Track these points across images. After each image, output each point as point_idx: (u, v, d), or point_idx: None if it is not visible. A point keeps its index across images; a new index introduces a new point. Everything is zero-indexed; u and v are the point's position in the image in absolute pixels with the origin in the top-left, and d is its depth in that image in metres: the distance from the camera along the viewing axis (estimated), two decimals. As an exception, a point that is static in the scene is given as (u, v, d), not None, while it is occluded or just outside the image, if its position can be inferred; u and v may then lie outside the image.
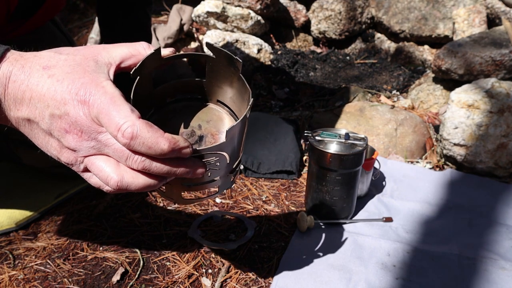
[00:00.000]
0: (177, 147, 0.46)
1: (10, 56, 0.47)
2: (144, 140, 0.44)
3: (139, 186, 0.47)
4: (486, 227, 1.02)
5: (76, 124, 0.46)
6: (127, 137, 0.44)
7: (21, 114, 0.48)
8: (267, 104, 1.68)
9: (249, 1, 2.03)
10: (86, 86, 0.45)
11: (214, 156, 0.51)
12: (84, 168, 0.49)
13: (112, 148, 0.46)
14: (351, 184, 0.97)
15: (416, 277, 0.86)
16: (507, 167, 1.22)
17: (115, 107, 0.44)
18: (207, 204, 1.07)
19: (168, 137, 0.45)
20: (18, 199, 0.99)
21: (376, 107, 1.42)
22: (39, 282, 0.83)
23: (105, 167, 0.47)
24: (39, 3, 0.94)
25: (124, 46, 0.53)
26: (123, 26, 1.20)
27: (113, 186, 0.47)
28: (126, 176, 0.47)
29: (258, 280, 0.84)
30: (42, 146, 0.50)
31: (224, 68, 0.59)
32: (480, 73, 1.50)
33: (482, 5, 1.88)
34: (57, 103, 0.46)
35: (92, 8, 2.54)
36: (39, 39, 0.99)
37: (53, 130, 0.47)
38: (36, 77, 0.46)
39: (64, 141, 0.47)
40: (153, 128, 0.45)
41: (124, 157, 0.46)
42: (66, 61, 0.48)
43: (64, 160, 0.49)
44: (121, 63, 0.52)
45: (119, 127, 0.44)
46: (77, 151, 0.47)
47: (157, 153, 0.45)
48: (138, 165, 0.46)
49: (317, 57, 2.14)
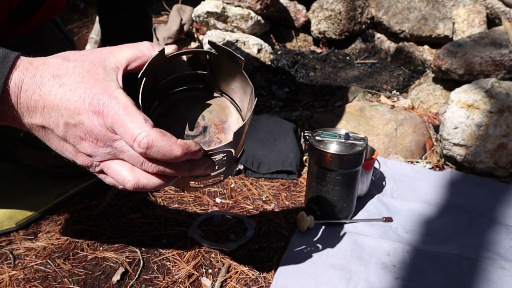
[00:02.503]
0: (189, 151, 0.48)
1: (20, 64, 0.48)
2: (159, 148, 0.46)
3: (154, 186, 0.50)
4: (486, 227, 1.02)
5: (92, 133, 0.47)
6: (143, 147, 0.46)
7: (35, 121, 0.49)
8: (267, 104, 1.68)
9: (249, 1, 2.03)
10: (99, 96, 0.47)
11: (222, 153, 0.54)
12: (99, 170, 0.51)
13: (127, 154, 0.49)
14: (351, 184, 0.97)
15: (416, 277, 0.86)
16: (507, 167, 1.22)
17: (129, 118, 0.46)
18: (207, 204, 1.07)
19: (181, 143, 0.47)
20: (18, 199, 0.99)
21: (376, 107, 1.42)
22: (39, 282, 0.83)
23: (121, 171, 0.49)
24: (40, 3, 0.94)
25: (128, 47, 0.54)
26: (123, 26, 1.20)
27: (130, 188, 0.49)
28: (142, 179, 0.49)
29: (258, 280, 0.84)
30: (57, 149, 0.52)
31: (226, 64, 0.60)
32: (480, 73, 1.50)
33: (482, 5, 1.88)
34: (71, 112, 0.47)
35: (92, 8, 2.54)
36: (39, 39, 0.99)
37: (68, 137, 0.49)
38: (47, 86, 0.47)
39: (80, 148, 0.49)
40: (166, 137, 0.47)
41: (139, 162, 0.48)
42: (75, 68, 0.49)
43: (80, 163, 0.51)
44: (128, 66, 0.53)
45: (134, 138, 0.46)
46: (93, 156, 0.49)
47: (171, 159, 0.47)
48: (153, 169, 0.49)
49: (317, 57, 2.14)
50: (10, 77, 0.47)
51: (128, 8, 1.18)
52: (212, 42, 0.57)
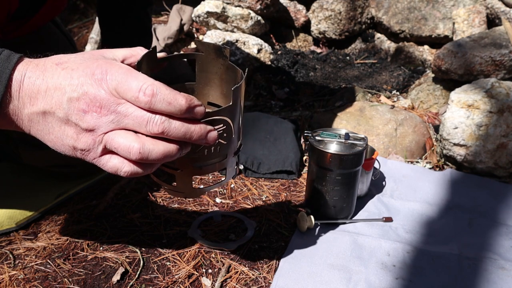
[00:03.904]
0: (192, 104, 0.49)
1: (24, 59, 0.51)
2: (164, 96, 0.47)
3: (159, 152, 0.49)
4: (486, 227, 1.02)
5: (95, 100, 0.48)
6: (148, 94, 0.47)
7: (36, 109, 0.50)
8: (267, 104, 1.68)
9: (249, 1, 2.03)
10: (101, 66, 0.49)
11: (222, 123, 0.54)
12: (102, 150, 0.50)
13: (131, 116, 0.48)
14: (351, 184, 0.97)
15: (416, 277, 0.86)
16: (507, 167, 1.22)
17: (132, 76, 0.48)
18: (207, 204, 1.07)
19: (184, 94, 0.49)
20: (18, 199, 0.99)
21: (376, 107, 1.42)
22: (39, 282, 0.83)
23: (125, 139, 0.49)
24: (40, 3, 0.94)
25: (123, 49, 0.58)
26: (123, 26, 1.20)
27: (135, 155, 0.49)
28: (147, 143, 0.49)
29: (258, 280, 0.84)
30: (56, 140, 0.51)
31: (213, 62, 0.63)
32: (480, 73, 1.50)
33: (482, 5, 1.88)
34: (74, 86, 0.48)
35: (92, 8, 2.54)
36: (39, 39, 0.99)
37: (71, 115, 0.49)
38: (50, 71, 0.50)
39: (83, 123, 0.49)
40: (169, 87, 0.48)
41: (144, 121, 0.48)
42: (77, 57, 0.52)
43: (81, 146, 0.50)
44: (124, 61, 0.56)
45: (139, 88, 0.47)
46: (95, 129, 0.49)
47: (176, 109, 0.48)
48: (159, 127, 0.48)
49: (317, 57, 2.14)
50: (15, 69, 0.49)
51: (128, 8, 1.18)
52: (198, 40, 0.62)
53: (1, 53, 0.49)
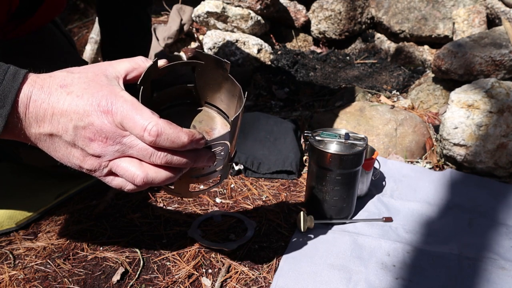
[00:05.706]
0: (194, 138, 0.52)
1: (28, 78, 0.51)
2: (168, 136, 0.49)
3: (162, 179, 0.53)
4: (486, 227, 1.02)
5: (102, 132, 0.50)
6: (153, 135, 0.49)
7: (43, 130, 0.52)
8: (267, 104, 1.68)
9: (249, 1, 2.03)
10: (107, 97, 0.50)
11: (220, 145, 0.58)
12: (107, 172, 0.54)
13: (136, 148, 0.51)
14: (351, 184, 0.97)
15: (416, 277, 0.86)
16: (507, 167, 1.22)
17: (137, 112, 0.49)
18: (207, 204, 1.07)
19: (187, 131, 0.51)
20: (18, 199, 0.99)
21: (376, 107, 1.42)
22: (39, 282, 0.83)
23: (130, 167, 0.52)
24: (39, 2, 0.94)
25: (125, 61, 0.58)
26: (123, 26, 1.20)
27: (139, 182, 0.52)
28: (150, 172, 0.52)
29: (258, 280, 0.84)
30: (63, 157, 0.54)
31: (212, 71, 0.65)
32: (480, 73, 1.50)
33: (482, 5, 1.88)
34: (80, 115, 0.50)
35: (92, 8, 2.54)
36: (39, 39, 0.99)
37: (77, 141, 0.51)
38: (55, 95, 0.51)
39: (89, 149, 0.51)
40: (173, 125, 0.50)
41: (148, 154, 0.51)
42: (80, 78, 0.52)
43: (87, 167, 0.53)
44: (126, 76, 0.57)
45: (144, 128, 0.49)
46: (102, 156, 0.52)
47: (179, 146, 0.51)
48: (162, 160, 0.51)
49: (317, 57, 2.14)
50: (20, 89, 0.50)
51: (128, 8, 1.18)
52: (198, 51, 0.62)
53: (7, 71, 0.50)
